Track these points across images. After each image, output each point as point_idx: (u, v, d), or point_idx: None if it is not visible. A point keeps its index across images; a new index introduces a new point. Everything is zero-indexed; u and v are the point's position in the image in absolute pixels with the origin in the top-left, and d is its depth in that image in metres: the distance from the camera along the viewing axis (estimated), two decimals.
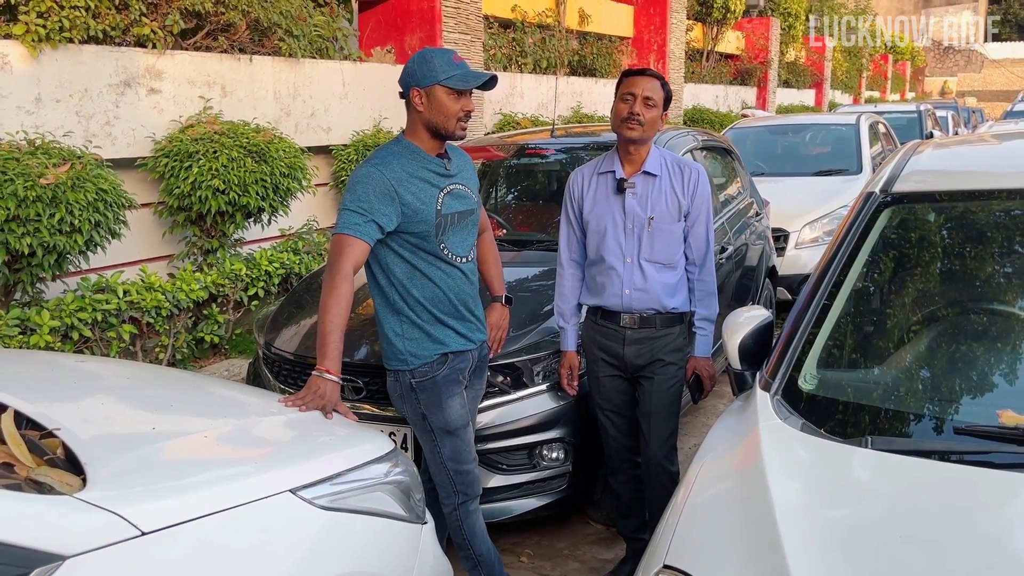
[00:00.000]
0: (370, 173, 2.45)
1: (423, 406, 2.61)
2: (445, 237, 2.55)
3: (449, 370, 2.61)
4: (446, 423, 2.61)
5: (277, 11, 6.21)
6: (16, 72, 4.65)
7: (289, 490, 1.82)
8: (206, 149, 5.11)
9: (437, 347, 2.58)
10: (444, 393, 2.60)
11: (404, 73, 2.52)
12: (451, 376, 2.61)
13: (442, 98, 2.46)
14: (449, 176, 2.59)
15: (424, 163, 2.54)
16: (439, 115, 2.47)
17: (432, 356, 2.58)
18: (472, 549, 2.77)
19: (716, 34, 16.28)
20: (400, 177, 2.47)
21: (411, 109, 2.52)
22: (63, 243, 4.03)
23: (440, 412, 2.61)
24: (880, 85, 29.07)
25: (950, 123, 15.49)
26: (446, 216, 2.54)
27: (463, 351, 2.65)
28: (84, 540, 1.48)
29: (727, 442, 2.02)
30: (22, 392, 2.05)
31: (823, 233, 6.58)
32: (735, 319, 2.32)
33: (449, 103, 2.46)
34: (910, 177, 2.44)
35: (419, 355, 2.57)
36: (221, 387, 2.73)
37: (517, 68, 10.27)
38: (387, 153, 2.53)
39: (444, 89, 2.45)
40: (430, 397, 2.59)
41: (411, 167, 2.51)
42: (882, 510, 1.63)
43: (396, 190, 2.45)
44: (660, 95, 2.74)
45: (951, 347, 2.13)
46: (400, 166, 2.49)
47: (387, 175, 2.45)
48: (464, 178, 2.66)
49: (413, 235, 2.50)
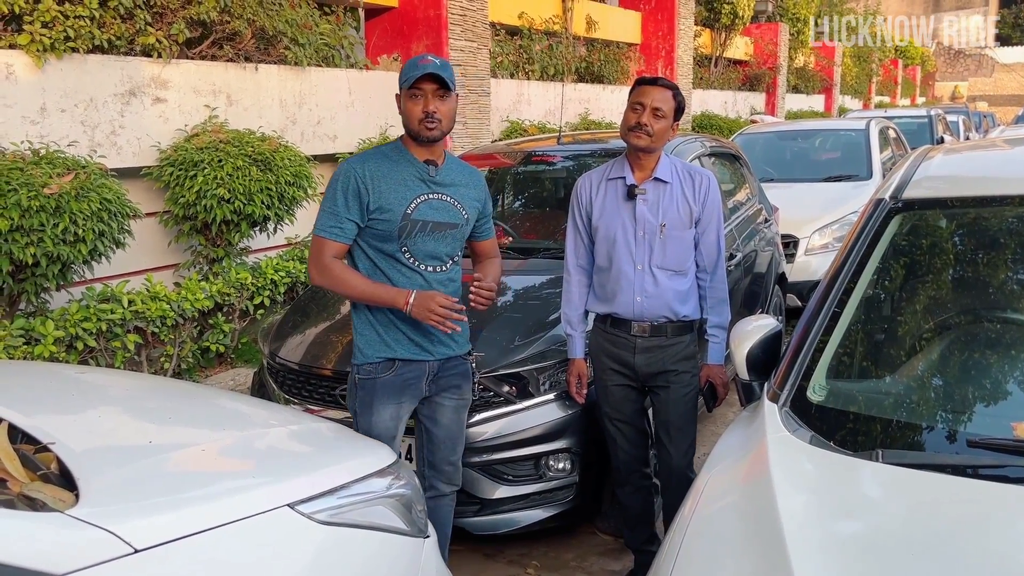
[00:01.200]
0: (344, 171, 2.53)
1: (357, 403, 2.63)
2: (409, 241, 2.54)
3: (394, 376, 2.60)
4: (368, 429, 2.60)
5: (283, 19, 6.21)
6: (21, 82, 4.65)
7: (288, 504, 1.79)
8: (211, 158, 5.10)
9: (384, 350, 2.59)
10: (378, 399, 2.60)
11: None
12: (393, 383, 2.60)
13: (405, 101, 2.51)
14: (434, 183, 2.57)
15: (407, 165, 2.56)
16: (406, 117, 2.53)
17: (376, 358, 2.59)
18: None
19: (724, 40, 16.25)
20: (373, 174, 2.51)
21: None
22: (67, 253, 4.02)
23: (368, 416, 2.61)
24: (890, 90, 28.96)
25: (961, 128, 15.41)
26: (415, 221, 2.53)
27: (415, 360, 2.62)
28: (76, 558, 1.45)
29: (734, 455, 1.98)
30: (19, 404, 2.03)
31: (833, 239, 6.53)
32: (743, 328, 2.28)
33: (411, 105, 2.50)
34: (921, 183, 2.40)
35: (366, 353, 2.61)
36: (222, 398, 2.70)
37: (524, 75, 10.26)
38: (374, 150, 2.60)
39: (406, 92, 2.50)
40: (365, 397, 2.61)
41: (390, 166, 2.54)
42: (893, 526, 1.58)
43: (364, 186, 2.49)
44: (670, 106, 2.72)
45: (964, 357, 2.08)
46: (377, 163, 2.53)
47: (359, 171, 2.51)
48: (458, 193, 2.63)
49: (377, 233, 2.53)
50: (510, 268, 3.86)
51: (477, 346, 3.19)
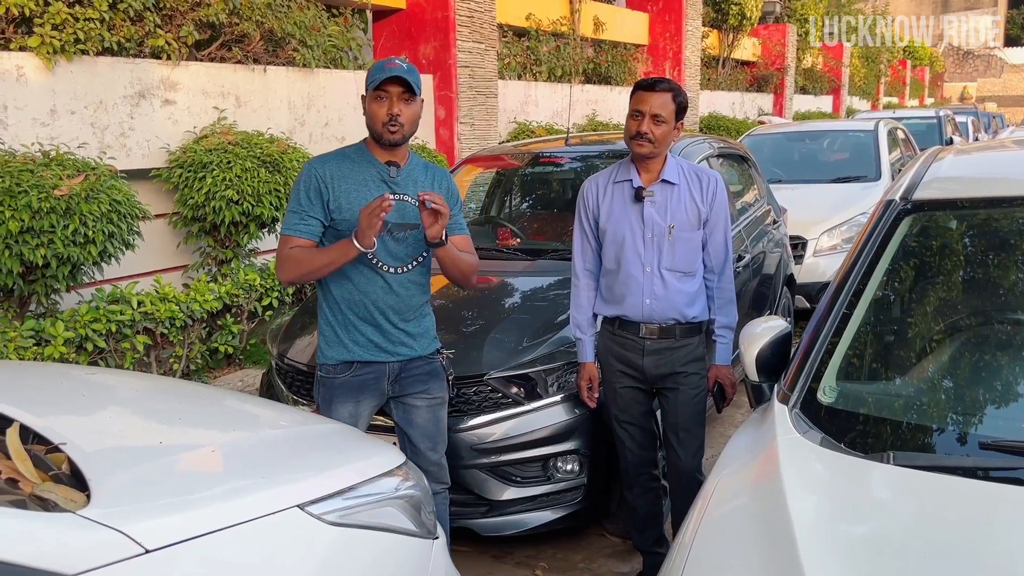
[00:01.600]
0: (306, 170, 2.56)
1: (319, 399, 2.68)
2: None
3: (352, 377, 2.62)
4: None
5: (291, 21, 6.23)
6: (31, 84, 4.67)
7: (297, 505, 1.79)
8: (220, 159, 5.12)
9: (343, 353, 2.62)
10: (336, 398, 2.63)
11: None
12: (351, 383, 2.62)
13: (370, 103, 2.52)
14: (392, 184, 2.58)
15: (368, 167, 2.57)
16: (370, 119, 2.54)
17: (334, 360, 2.63)
18: None
19: (732, 41, 16.22)
20: (334, 175, 2.53)
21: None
22: (77, 254, 4.04)
23: (326, 411, 2.66)
24: (899, 91, 28.86)
25: (970, 129, 15.34)
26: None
27: (374, 362, 2.63)
28: (86, 559, 1.45)
29: (744, 457, 1.97)
30: (30, 405, 2.04)
31: (841, 241, 6.51)
32: (752, 330, 2.27)
33: (374, 107, 2.51)
34: (931, 184, 2.39)
35: (326, 354, 2.65)
36: (231, 399, 2.71)
37: (532, 76, 10.26)
38: (337, 151, 2.63)
39: (372, 94, 2.51)
40: (324, 395, 2.66)
41: (351, 167, 2.56)
42: (904, 528, 1.57)
43: (325, 186, 2.52)
44: (670, 109, 2.69)
45: (975, 359, 2.07)
46: (338, 164, 2.56)
47: (319, 171, 2.54)
48: (416, 193, 2.61)
49: (337, 233, 2.54)
50: (518, 269, 3.86)
51: (486, 347, 3.19)
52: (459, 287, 2.91)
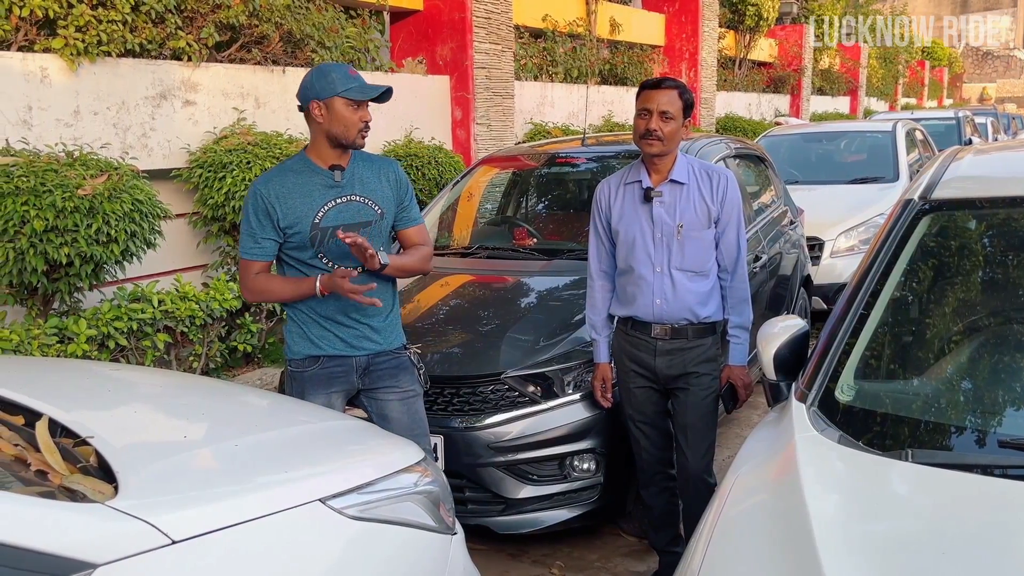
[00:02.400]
0: (252, 192, 2.61)
1: (292, 395, 2.72)
2: (324, 248, 2.61)
3: (320, 370, 2.69)
4: None
5: (310, 23, 6.27)
6: (55, 85, 4.74)
7: (319, 499, 1.82)
8: (240, 160, 5.16)
9: (309, 348, 2.69)
10: (308, 391, 2.69)
11: (302, 87, 2.60)
12: (320, 376, 2.69)
13: (341, 110, 2.54)
14: (337, 187, 2.62)
15: (311, 176, 2.61)
16: (339, 126, 2.56)
17: (301, 355, 2.69)
18: None
19: (749, 42, 16.16)
20: (278, 193, 2.58)
21: (311, 121, 2.60)
22: (100, 253, 4.09)
23: None
24: (917, 92, 28.64)
25: (989, 130, 15.21)
26: (324, 228, 2.59)
27: (341, 356, 2.69)
28: (115, 548, 1.48)
29: (762, 454, 1.98)
30: (57, 400, 2.07)
31: (859, 242, 6.48)
32: (770, 329, 2.28)
33: (348, 114, 2.55)
34: (950, 184, 2.39)
35: (293, 350, 2.72)
36: (252, 396, 2.74)
37: (548, 77, 10.27)
38: (279, 168, 2.67)
39: (343, 100, 2.54)
40: (297, 387, 2.71)
41: (294, 180, 2.60)
42: (923, 525, 1.58)
43: (272, 206, 2.57)
44: (677, 106, 2.70)
45: (994, 358, 2.07)
46: (281, 181, 2.60)
47: (263, 191, 2.58)
48: (366, 189, 2.66)
49: (291, 244, 2.61)
50: (534, 269, 3.88)
51: (503, 346, 3.21)
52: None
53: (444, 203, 4.72)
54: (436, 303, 3.70)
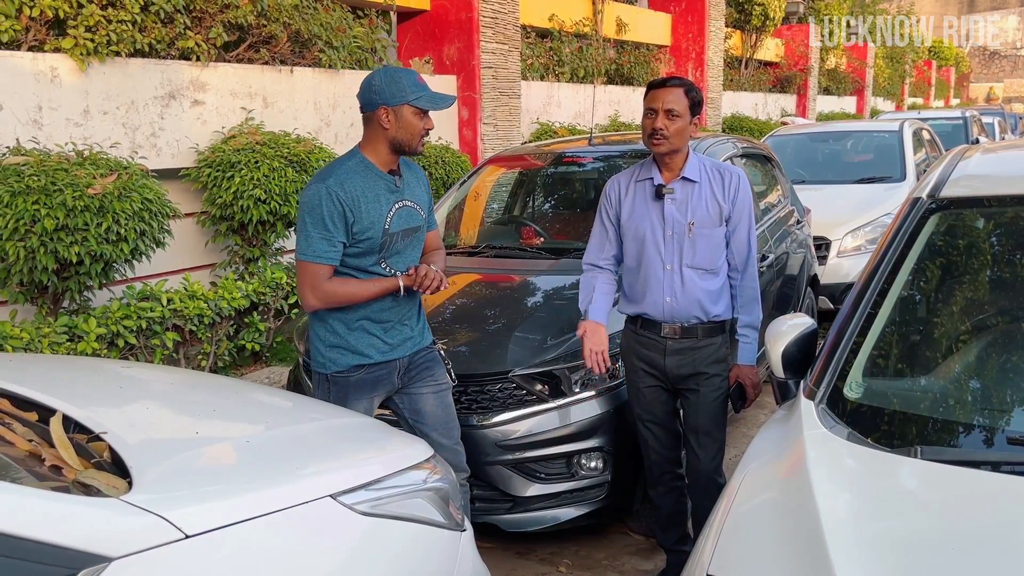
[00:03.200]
0: (324, 193, 2.49)
1: (331, 397, 2.69)
2: (388, 254, 2.60)
3: (365, 375, 2.66)
4: None
5: (317, 23, 6.30)
6: (65, 85, 4.76)
7: (330, 495, 1.83)
8: (248, 159, 5.18)
9: (355, 358, 2.64)
10: (352, 395, 2.66)
11: (368, 91, 2.54)
12: (365, 381, 2.66)
13: (410, 117, 2.52)
14: (398, 192, 2.62)
15: (376, 180, 2.57)
16: (406, 133, 2.54)
17: (347, 365, 2.64)
18: None
19: (755, 41, 16.14)
20: (354, 196, 2.51)
21: (375, 125, 2.55)
22: (110, 252, 4.11)
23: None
24: (924, 91, 28.56)
25: (996, 129, 15.15)
26: (393, 234, 2.59)
27: (384, 362, 2.68)
28: (130, 542, 1.50)
29: (771, 451, 1.99)
30: (71, 397, 2.09)
31: (866, 241, 6.47)
32: (778, 327, 2.28)
33: (415, 122, 2.54)
34: (958, 182, 2.39)
35: (337, 363, 2.65)
36: (262, 393, 2.75)
37: (554, 77, 10.28)
38: (342, 170, 2.55)
39: (412, 109, 2.52)
40: (339, 392, 2.67)
41: (365, 185, 2.54)
42: (933, 522, 1.58)
43: (349, 209, 2.50)
44: (683, 104, 2.70)
45: (1002, 356, 2.07)
46: (354, 184, 2.52)
47: (341, 195, 2.49)
48: (413, 194, 2.68)
49: (358, 250, 2.55)
50: (541, 268, 3.89)
51: (510, 344, 3.22)
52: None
53: (451, 203, 4.74)
54: (443, 302, 3.70)
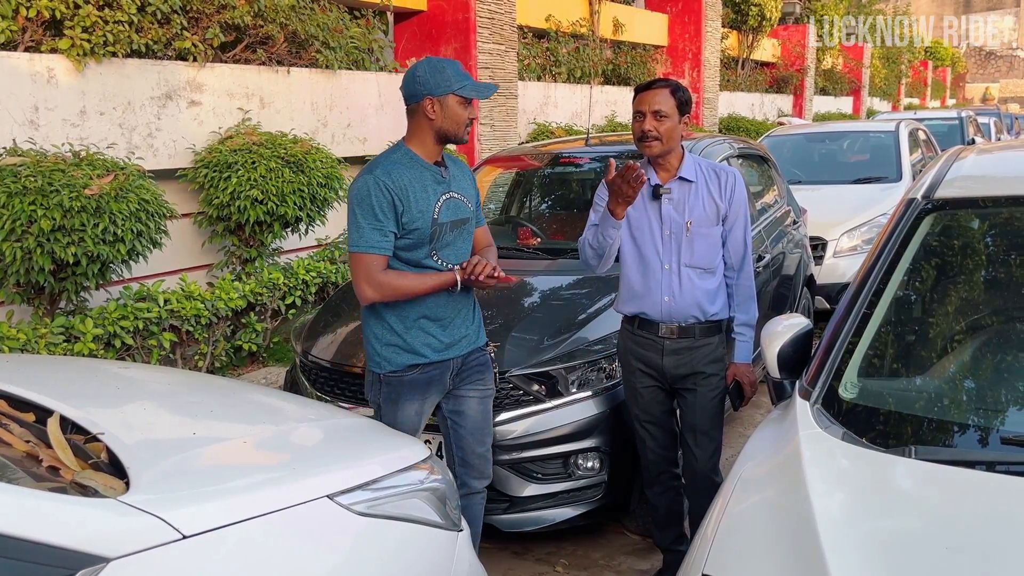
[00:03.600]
0: (373, 184, 2.48)
1: (382, 398, 2.67)
2: (438, 245, 2.59)
3: (420, 375, 2.64)
4: (392, 422, 2.63)
5: (314, 24, 6.29)
6: (62, 86, 4.76)
7: (327, 495, 1.84)
8: (245, 160, 5.18)
9: (410, 357, 2.61)
10: (404, 395, 2.64)
11: (413, 82, 2.53)
12: (419, 381, 2.64)
13: (455, 107, 2.53)
14: (445, 184, 2.62)
15: (422, 171, 2.57)
16: (452, 123, 2.54)
17: (402, 365, 2.62)
18: None
19: (751, 42, 16.16)
20: (402, 186, 2.51)
21: (420, 117, 2.55)
22: (106, 252, 4.11)
23: (392, 410, 2.65)
24: (920, 92, 28.61)
25: (992, 130, 15.19)
26: (442, 225, 2.58)
27: (441, 361, 2.66)
28: (127, 542, 1.50)
29: (766, 451, 2.00)
30: (68, 397, 2.09)
31: (862, 242, 6.48)
32: (773, 327, 2.29)
33: (461, 111, 2.54)
34: (953, 183, 2.40)
35: (392, 362, 2.62)
36: (259, 394, 2.75)
37: (551, 77, 10.29)
38: (388, 162, 2.56)
39: (457, 98, 2.52)
40: (391, 393, 2.64)
41: (412, 175, 2.54)
42: (927, 521, 1.59)
43: (398, 199, 2.49)
44: (671, 104, 2.70)
45: (996, 356, 2.08)
46: (401, 175, 2.52)
47: (389, 184, 2.49)
48: (460, 187, 2.68)
49: (409, 242, 2.54)
50: (538, 269, 3.89)
51: (507, 345, 3.23)
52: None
53: None
54: None
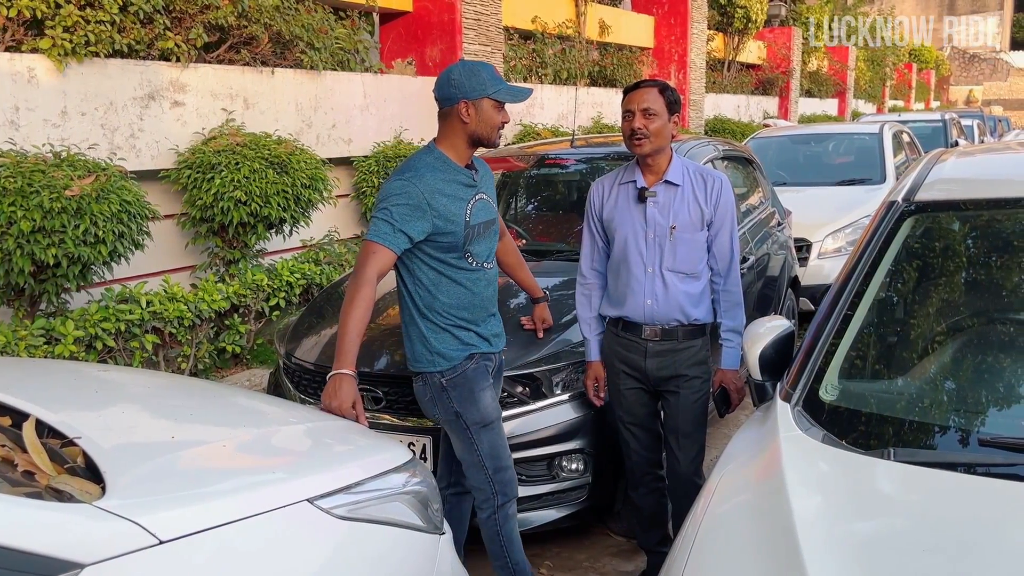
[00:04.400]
0: (405, 187, 2.50)
1: (456, 404, 2.64)
2: (471, 246, 2.61)
3: (477, 364, 2.66)
4: (482, 416, 2.64)
5: (299, 24, 6.27)
6: (43, 86, 4.72)
7: (307, 499, 1.82)
8: (228, 161, 5.15)
9: (466, 348, 2.64)
10: (476, 386, 2.64)
11: (448, 85, 2.53)
12: (480, 370, 2.66)
13: (489, 111, 2.53)
14: (475, 187, 2.63)
15: (455, 175, 2.58)
16: (485, 127, 2.55)
17: (461, 357, 2.63)
18: (508, 557, 2.78)
19: (737, 44, 16.22)
20: (434, 190, 2.52)
21: (453, 120, 2.55)
22: (87, 254, 4.08)
23: (474, 406, 2.64)
24: (904, 94, 28.81)
25: (975, 132, 15.33)
26: (474, 227, 2.60)
27: (488, 352, 2.71)
28: (103, 548, 1.48)
29: (747, 454, 2.00)
30: (45, 401, 2.07)
31: (846, 243, 6.52)
32: (756, 329, 2.30)
33: (494, 115, 2.55)
34: (933, 185, 2.41)
35: (448, 356, 2.62)
36: (241, 397, 2.74)
37: (537, 79, 10.28)
38: (421, 165, 2.57)
39: (491, 102, 2.53)
40: (462, 392, 2.63)
41: (443, 179, 2.55)
42: (905, 523, 1.60)
43: (429, 203, 2.50)
44: (660, 103, 2.72)
45: (976, 358, 2.09)
46: (433, 179, 2.53)
47: (421, 188, 2.50)
48: (486, 188, 2.72)
49: (441, 245, 2.56)
50: None
51: None
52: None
53: None
54: None
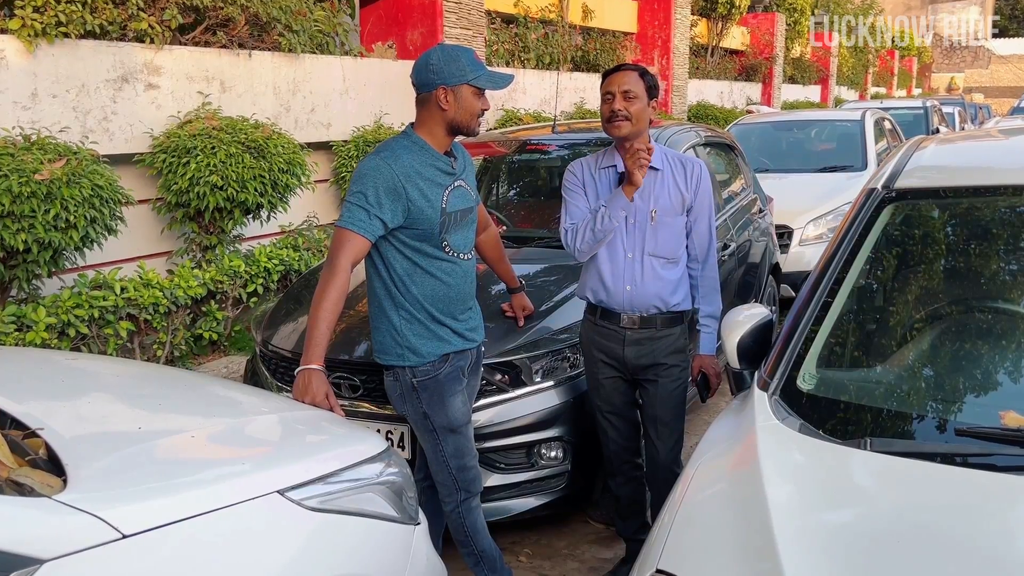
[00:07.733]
0: (379, 167, 2.43)
1: (425, 405, 2.59)
2: (447, 235, 2.54)
3: (451, 368, 2.60)
4: (449, 421, 2.60)
5: (277, 6, 6.17)
6: (12, 67, 4.62)
7: (277, 491, 1.79)
8: (204, 145, 5.08)
9: (440, 345, 2.57)
10: (447, 391, 2.59)
11: (426, 70, 2.46)
12: (453, 374, 2.60)
13: (469, 98, 2.47)
14: (453, 174, 2.58)
15: (432, 161, 2.52)
16: (465, 114, 2.48)
17: (434, 355, 2.57)
18: (474, 546, 2.77)
19: (721, 30, 16.21)
20: (409, 173, 2.45)
21: (431, 106, 2.48)
22: (58, 239, 4.01)
23: (443, 410, 2.59)
24: (886, 81, 28.93)
25: (957, 119, 15.41)
26: (451, 214, 2.54)
27: (463, 350, 2.64)
28: (62, 543, 1.44)
29: (724, 443, 1.99)
30: (9, 391, 2.02)
31: (827, 230, 6.53)
32: (734, 317, 2.28)
33: (474, 102, 2.49)
34: (913, 173, 2.40)
35: (419, 352, 2.55)
36: (213, 385, 2.69)
37: (520, 64, 10.22)
38: (397, 147, 2.50)
39: (471, 89, 2.47)
40: (432, 396, 2.58)
41: (420, 164, 2.49)
42: (880, 513, 1.59)
43: (404, 186, 2.43)
44: (640, 86, 2.69)
45: (954, 346, 2.09)
46: (409, 162, 2.47)
47: (396, 170, 2.43)
48: (466, 175, 2.66)
49: (416, 232, 2.49)
50: None
51: None
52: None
53: None
54: None
